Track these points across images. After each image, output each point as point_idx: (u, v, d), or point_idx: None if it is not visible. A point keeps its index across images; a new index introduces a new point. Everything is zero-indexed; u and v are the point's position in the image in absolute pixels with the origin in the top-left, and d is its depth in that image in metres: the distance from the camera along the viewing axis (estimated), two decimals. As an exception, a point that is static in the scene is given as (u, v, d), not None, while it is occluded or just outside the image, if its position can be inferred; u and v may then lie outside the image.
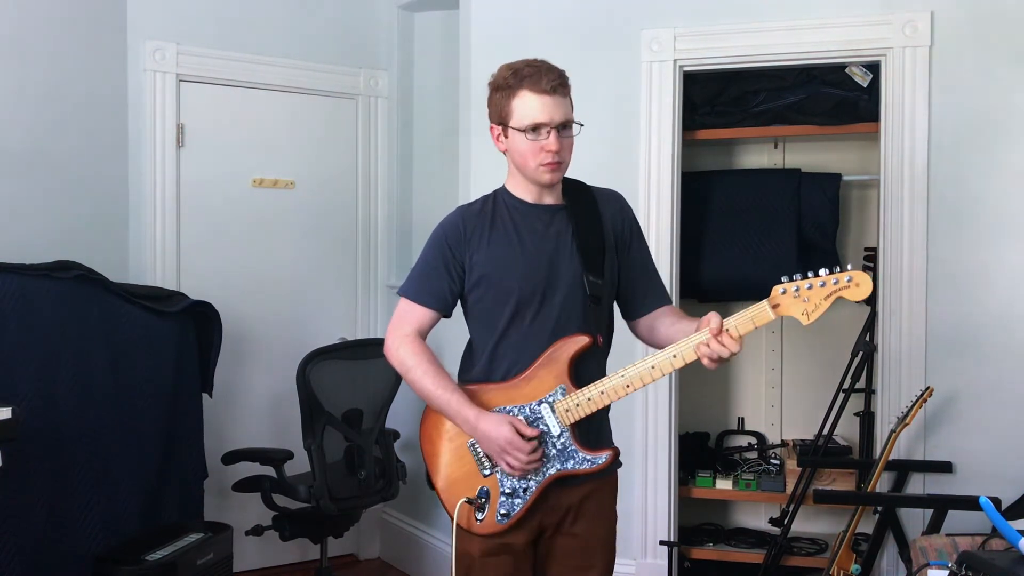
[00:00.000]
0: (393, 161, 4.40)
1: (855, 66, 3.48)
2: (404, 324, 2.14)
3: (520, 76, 2.03)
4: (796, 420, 3.97)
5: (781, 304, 1.91)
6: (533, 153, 2.04)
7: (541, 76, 2.02)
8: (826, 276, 1.89)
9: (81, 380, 3.07)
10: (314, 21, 4.20)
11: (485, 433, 2.02)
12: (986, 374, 3.12)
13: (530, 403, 2.06)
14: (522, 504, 2.06)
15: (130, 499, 3.20)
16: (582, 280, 2.08)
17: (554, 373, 2.05)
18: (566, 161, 2.07)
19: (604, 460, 2.05)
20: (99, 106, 3.70)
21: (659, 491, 3.47)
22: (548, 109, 2.01)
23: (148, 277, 3.79)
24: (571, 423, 2.04)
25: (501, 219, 2.12)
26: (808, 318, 1.90)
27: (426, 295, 2.13)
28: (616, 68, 3.50)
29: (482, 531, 2.08)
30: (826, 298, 1.90)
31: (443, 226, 2.15)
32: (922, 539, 2.36)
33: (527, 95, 2.02)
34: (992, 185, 3.13)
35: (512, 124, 2.04)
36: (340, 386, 3.46)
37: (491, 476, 2.07)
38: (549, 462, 2.05)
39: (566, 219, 2.12)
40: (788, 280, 1.91)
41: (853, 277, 1.88)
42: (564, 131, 2.04)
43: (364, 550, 4.42)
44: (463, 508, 2.07)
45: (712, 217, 3.73)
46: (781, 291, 1.91)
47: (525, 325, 2.08)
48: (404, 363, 2.12)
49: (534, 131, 2.02)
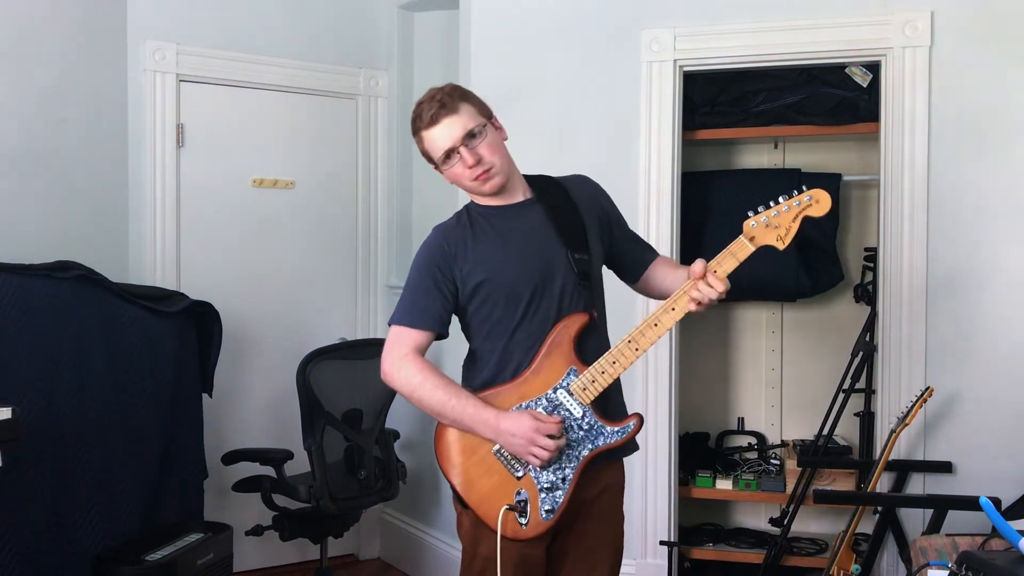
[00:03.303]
0: (393, 161, 4.40)
1: (855, 66, 3.47)
2: (400, 346, 2.10)
3: (413, 121, 2.12)
4: (796, 420, 3.97)
5: (756, 236, 2.02)
6: (462, 176, 2.09)
7: (421, 113, 2.08)
8: (787, 200, 2.01)
9: (81, 380, 3.07)
10: (314, 21, 4.21)
11: (508, 430, 2.00)
12: (986, 374, 3.12)
13: (545, 392, 2.05)
14: (564, 494, 2.05)
15: (130, 499, 3.20)
16: (568, 261, 2.10)
17: (561, 357, 2.06)
18: (495, 163, 2.08)
19: (633, 427, 2.07)
20: (99, 106, 3.70)
21: (659, 491, 3.47)
22: (442, 135, 2.06)
23: (148, 277, 3.79)
24: (591, 400, 2.04)
25: (480, 228, 2.13)
26: (783, 243, 2.02)
27: (419, 317, 2.10)
28: (616, 68, 3.50)
29: (530, 534, 2.05)
30: (794, 219, 2.01)
31: (426, 247, 2.15)
32: (922, 539, 2.35)
33: (424, 135, 2.09)
34: (992, 185, 3.12)
35: (435, 162, 2.12)
36: (340, 386, 3.46)
37: (525, 477, 2.06)
38: (579, 445, 2.05)
39: (539, 209, 2.15)
40: (755, 213, 2.02)
41: (812, 195, 1.99)
42: (473, 141, 2.06)
43: (364, 550, 4.42)
44: (507, 516, 2.03)
45: (712, 217, 3.73)
46: (752, 224, 2.02)
47: (530, 321, 2.08)
48: (409, 382, 2.08)
49: (448, 159, 2.08)
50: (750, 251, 2.02)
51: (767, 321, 4.02)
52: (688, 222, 3.63)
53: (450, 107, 2.06)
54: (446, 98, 2.06)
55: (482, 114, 2.11)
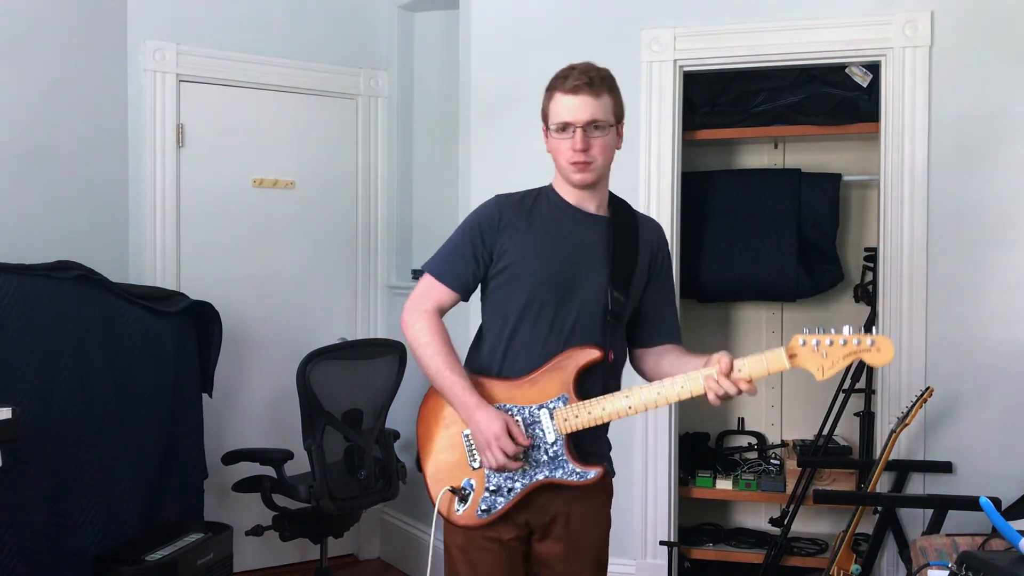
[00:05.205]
0: (393, 161, 4.40)
1: (855, 66, 3.47)
2: (425, 300, 2.13)
3: (555, 78, 2.10)
4: (796, 420, 3.97)
5: (799, 355, 1.90)
6: (562, 151, 2.07)
7: (568, 76, 2.06)
8: (848, 336, 1.88)
9: (81, 380, 3.07)
10: (314, 21, 4.21)
11: (478, 422, 2.01)
12: (986, 374, 3.12)
13: (530, 406, 2.05)
14: (504, 504, 2.06)
15: (130, 499, 3.20)
16: (606, 293, 2.08)
17: (559, 380, 2.04)
18: (597, 161, 2.06)
19: (592, 476, 2.04)
20: (99, 106, 3.70)
21: (659, 491, 3.47)
22: (572, 108, 2.04)
23: (148, 277, 3.79)
24: (567, 433, 2.03)
25: (540, 213, 2.12)
26: (823, 374, 1.89)
27: (449, 275, 2.12)
28: (616, 68, 3.42)
29: (461, 522, 2.09)
30: (845, 357, 1.88)
31: (478, 212, 2.15)
32: (922, 539, 2.35)
33: (557, 96, 2.07)
34: (992, 185, 3.12)
35: (548, 124, 2.10)
36: (340, 386, 3.46)
37: (479, 470, 2.08)
38: (538, 467, 2.05)
39: (605, 229, 2.13)
40: (810, 332, 1.89)
41: (876, 341, 1.86)
42: (593, 131, 2.05)
43: (364, 550, 4.42)
44: (445, 496, 2.08)
45: (712, 217, 3.73)
46: (801, 342, 1.90)
47: (538, 324, 2.07)
48: (418, 338, 2.10)
49: (562, 130, 2.06)
50: (785, 368, 1.90)
51: (767, 321, 4.02)
52: (688, 222, 3.63)
53: (596, 88, 2.05)
54: (597, 79, 2.07)
55: (615, 114, 2.10)
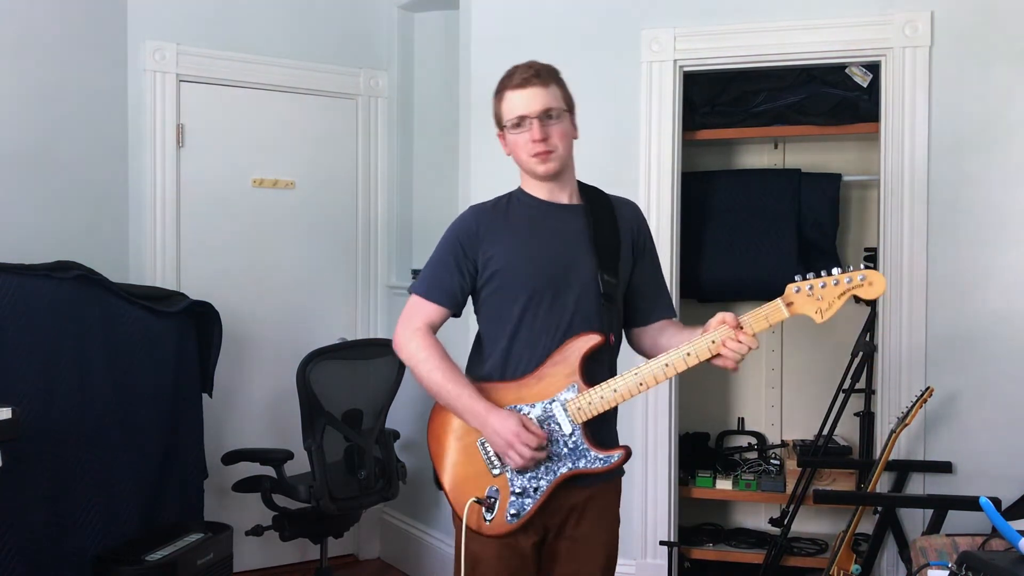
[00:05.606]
0: (393, 161, 4.40)
1: (855, 66, 3.47)
2: (415, 318, 2.13)
3: (501, 80, 2.13)
4: (796, 420, 3.97)
5: (795, 302, 1.93)
6: (521, 146, 2.09)
7: (514, 74, 2.10)
8: (839, 275, 1.91)
9: (81, 380, 3.07)
10: (314, 21, 4.21)
11: (493, 426, 2.00)
12: (986, 374, 3.12)
13: (542, 401, 2.05)
14: (532, 503, 2.05)
15: (130, 499, 3.20)
16: (596, 278, 2.09)
17: (566, 371, 2.04)
18: (558, 149, 2.08)
19: (616, 459, 2.05)
20: (99, 106, 3.70)
21: (659, 491, 3.47)
22: (524, 101, 2.07)
23: (148, 277, 3.79)
24: (583, 421, 2.03)
25: (516, 215, 2.14)
26: (822, 316, 1.92)
27: (437, 292, 2.13)
28: (616, 68, 3.50)
29: (492, 531, 2.06)
30: (840, 296, 1.92)
31: (456, 225, 2.17)
32: (922, 539, 2.35)
33: (507, 94, 2.11)
34: (992, 185, 3.12)
35: (503, 125, 2.12)
36: (340, 386, 3.46)
37: (501, 475, 2.06)
38: (560, 461, 2.04)
39: (583, 217, 2.14)
40: (802, 279, 1.92)
41: (867, 276, 1.91)
42: (549, 120, 2.07)
43: (364, 550, 4.42)
44: (472, 508, 2.05)
45: (712, 217, 3.73)
46: (795, 289, 1.93)
47: (537, 321, 2.07)
48: (414, 356, 2.11)
49: (518, 125, 2.08)
50: (784, 318, 1.93)
51: (767, 321, 4.01)
52: (688, 222, 3.63)
53: (543, 79, 2.08)
54: (543, 70, 2.10)
55: (566, 102, 2.12)
